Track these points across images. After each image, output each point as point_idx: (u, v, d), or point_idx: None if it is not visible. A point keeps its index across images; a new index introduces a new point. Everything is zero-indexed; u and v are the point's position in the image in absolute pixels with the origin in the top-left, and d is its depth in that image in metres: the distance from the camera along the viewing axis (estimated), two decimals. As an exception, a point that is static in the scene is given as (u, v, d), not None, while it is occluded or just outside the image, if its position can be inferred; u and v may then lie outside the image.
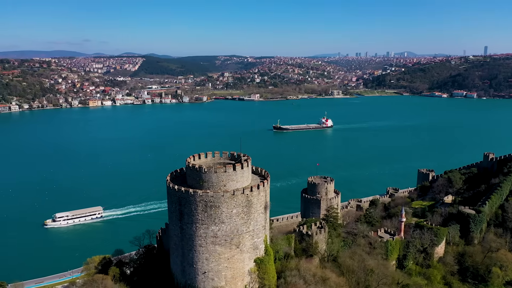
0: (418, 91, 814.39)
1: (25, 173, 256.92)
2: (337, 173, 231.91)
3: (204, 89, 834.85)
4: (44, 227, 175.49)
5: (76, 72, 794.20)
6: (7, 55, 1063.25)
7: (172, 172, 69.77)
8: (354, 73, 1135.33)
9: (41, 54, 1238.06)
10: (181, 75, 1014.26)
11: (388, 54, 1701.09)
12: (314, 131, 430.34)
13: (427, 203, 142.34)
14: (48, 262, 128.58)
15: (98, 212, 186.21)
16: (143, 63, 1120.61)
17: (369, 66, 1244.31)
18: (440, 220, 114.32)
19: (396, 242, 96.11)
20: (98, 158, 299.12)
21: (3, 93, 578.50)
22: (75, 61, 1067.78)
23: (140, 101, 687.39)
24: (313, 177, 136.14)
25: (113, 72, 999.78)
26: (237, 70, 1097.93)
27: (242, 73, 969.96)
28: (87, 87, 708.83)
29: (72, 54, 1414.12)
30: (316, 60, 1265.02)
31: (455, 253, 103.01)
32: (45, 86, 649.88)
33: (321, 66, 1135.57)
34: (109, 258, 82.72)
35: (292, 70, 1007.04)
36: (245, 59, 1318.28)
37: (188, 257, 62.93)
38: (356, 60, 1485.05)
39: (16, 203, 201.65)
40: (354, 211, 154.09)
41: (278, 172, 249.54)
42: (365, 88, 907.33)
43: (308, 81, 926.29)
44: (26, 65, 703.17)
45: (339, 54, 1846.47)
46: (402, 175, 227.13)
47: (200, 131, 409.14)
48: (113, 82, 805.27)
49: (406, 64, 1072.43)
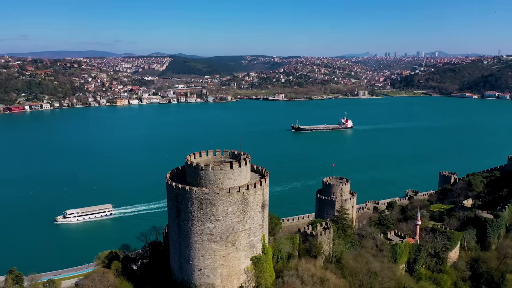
0: (447, 91, 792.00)
1: (42, 169, 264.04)
2: (355, 174, 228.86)
3: (229, 89, 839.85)
4: (55, 223, 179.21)
5: (105, 71, 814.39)
6: (42, 55, 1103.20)
7: (173, 169, 70.58)
8: (382, 73, 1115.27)
9: (74, 54, 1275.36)
10: (208, 74, 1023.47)
11: (418, 54, 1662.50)
12: (333, 131, 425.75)
13: (446, 206, 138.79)
14: (61, 256, 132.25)
15: (108, 209, 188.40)
16: (171, 62, 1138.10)
17: (398, 66, 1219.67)
18: (458, 224, 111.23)
19: (405, 245, 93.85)
20: (116, 156, 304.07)
21: (36, 91, 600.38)
22: (105, 61, 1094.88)
23: (166, 100, 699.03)
24: (329, 177, 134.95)
25: (142, 71, 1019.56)
26: (263, 70, 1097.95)
27: (267, 73, 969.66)
28: (115, 86, 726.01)
29: (103, 54, 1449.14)
30: (343, 60, 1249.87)
31: (469, 258, 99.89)
32: (75, 85, 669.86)
33: (348, 66, 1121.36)
34: (116, 252, 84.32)
35: (318, 70, 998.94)
36: (272, 59, 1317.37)
37: (185, 253, 63.57)
38: (384, 60, 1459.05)
39: (30, 198, 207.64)
40: (370, 213, 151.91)
41: (294, 172, 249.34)
42: (393, 88, 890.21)
43: (334, 81, 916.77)
44: (58, 65, 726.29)
45: (368, 54, 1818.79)
46: (423, 178, 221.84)
47: (219, 130, 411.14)
48: (141, 81, 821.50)
49: (436, 64, 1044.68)
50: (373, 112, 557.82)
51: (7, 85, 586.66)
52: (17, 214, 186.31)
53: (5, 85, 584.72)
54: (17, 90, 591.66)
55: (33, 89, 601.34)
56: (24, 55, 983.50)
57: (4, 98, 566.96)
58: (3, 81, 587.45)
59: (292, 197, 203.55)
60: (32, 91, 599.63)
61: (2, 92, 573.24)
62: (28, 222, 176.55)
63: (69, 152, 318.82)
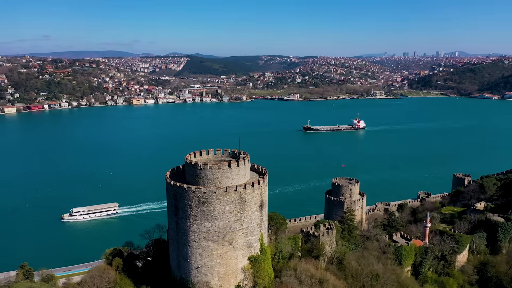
0: (466, 92, 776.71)
1: (53, 167, 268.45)
2: (367, 175, 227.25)
3: (244, 89, 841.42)
4: (61, 221, 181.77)
5: (123, 71, 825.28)
6: (63, 55, 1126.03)
7: (174, 168, 71.14)
8: (400, 74, 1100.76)
9: (94, 54, 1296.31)
10: (224, 74, 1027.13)
11: (438, 54, 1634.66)
12: (345, 132, 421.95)
13: (458, 209, 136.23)
14: (68, 253, 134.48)
15: (114, 208, 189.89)
16: (187, 62, 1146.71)
17: (416, 67, 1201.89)
18: (468, 227, 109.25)
19: (411, 248, 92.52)
20: (126, 155, 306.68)
21: (55, 91, 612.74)
22: (123, 60, 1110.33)
23: (181, 100, 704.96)
24: (338, 178, 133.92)
25: (159, 71, 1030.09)
26: (280, 70, 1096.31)
27: (283, 73, 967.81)
28: (132, 86, 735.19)
29: (121, 54, 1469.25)
30: (360, 60, 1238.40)
31: (477, 262, 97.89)
32: (93, 84, 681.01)
33: (365, 66, 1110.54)
34: (120, 249, 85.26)
35: (335, 70, 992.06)
36: (288, 59, 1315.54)
37: (182, 251, 64.00)
38: (402, 60, 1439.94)
39: (38, 195, 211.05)
40: (380, 214, 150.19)
41: (302, 173, 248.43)
42: (410, 89, 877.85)
43: (350, 82, 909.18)
44: (77, 65, 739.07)
45: (385, 54, 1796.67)
46: (437, 180, 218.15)
47: (230, 130, 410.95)
48: (157, 81, 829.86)
49: (455, 64, 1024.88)
50: (388, 113, 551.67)
51: (27, 84, 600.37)
52: (25, 211, 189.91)
53: (25, 84, 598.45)
54: (37, 90, 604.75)
55: (52, 89, 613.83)
56: (45, 55, 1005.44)
57: (24, 97, 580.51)
58: (24, 81, 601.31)
59: (300, 197, 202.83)
60: (51, 90, 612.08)
61: (23, 92, 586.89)
62: (35, 219, 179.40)
63: (80, 150, 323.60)
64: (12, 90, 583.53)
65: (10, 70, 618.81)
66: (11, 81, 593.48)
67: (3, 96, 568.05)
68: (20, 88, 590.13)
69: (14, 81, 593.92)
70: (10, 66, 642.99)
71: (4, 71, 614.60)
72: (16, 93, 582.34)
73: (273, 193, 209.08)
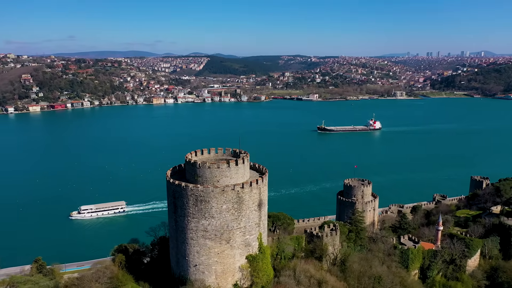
0: (491, 93, 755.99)
1: (65, 165, 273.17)
2: (381, 177, 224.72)
3: (263, 89, 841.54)
4: (70, 218, 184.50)
5: (144, 71, 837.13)
6: (87, 55, 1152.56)
7: (175, 166, 71.82)
8: (423, 74, 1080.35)
9: (117, 54, 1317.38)
10: (244, 74, 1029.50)
11: (463, 53, 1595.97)
12: (360, 133, 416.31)
13: (474, 212, 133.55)
14: (78, 250, 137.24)
15: (121, 206, 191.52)
16: (208, 62, 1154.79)
17: (440, 67, 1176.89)
18: (482, 231, 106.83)
19: (418, 251, 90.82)
20: (138, 153, 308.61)
21: (77, 90, 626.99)
22: (145, 60, 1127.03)
23: (200, 100, 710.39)
24: (350, 179, 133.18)
25: (179, 71, 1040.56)
26: (300, 70, 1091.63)
27: (303, 73, 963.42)
28: (152, 86, 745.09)
29: (144, 54, 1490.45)
30: (382, 60, 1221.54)
31: (488, 267, 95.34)
32: (114, 84, 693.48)
33: (386, 66, 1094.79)
34: (125, 246, 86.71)
35: (355, 70, 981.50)
36: (309, 59, 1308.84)
37: (181, 249, 64.60)
38: (426, 60, 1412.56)
39: (48, 193, 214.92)
40: (393, 216, 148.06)
41: (314, 174, 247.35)
42: (432, 89, 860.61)
43: (371, 82, 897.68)
44: (100, 65, 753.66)
45: (408, 54, 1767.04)
46: (454, 182, 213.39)
47: (245, 129, 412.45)
48: (178, 81, 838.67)
49: (480, 64, 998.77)
50: (407, 114, 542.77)
51: (51, 83, 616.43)
52: (35, 207, 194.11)
53: (50, 83, 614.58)
54: (60, 89, 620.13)
55: (75, 88, 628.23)
56: (70, 55, 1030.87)
57: (48, 96, 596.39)
58: (48, 80, 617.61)
59: (312, 198, 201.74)
60: (74, 89, 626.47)
61: (47, 91, 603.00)
62: (45, 215, 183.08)
63: (96, 149, 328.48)
64: (37, 89, 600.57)
65: (35, 69, 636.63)
66: (36, 81, 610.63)
67: (28, 95, 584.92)
68: (44, 87, 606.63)
69: (39, 81, 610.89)
70: (36, 66, 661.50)
71: (30, 70, 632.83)
72: (41, 92, 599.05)
73: (283, 194, 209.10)
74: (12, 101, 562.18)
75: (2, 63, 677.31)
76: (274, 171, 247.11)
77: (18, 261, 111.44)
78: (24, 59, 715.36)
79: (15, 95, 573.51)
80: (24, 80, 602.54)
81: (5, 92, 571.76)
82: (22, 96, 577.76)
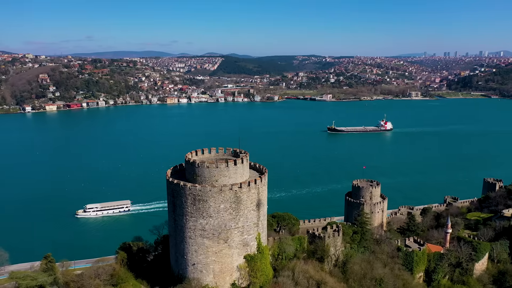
0: (509, 93, 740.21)
1: (75, 163, 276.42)
2: (391, 178, 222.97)
3: (277, 89, 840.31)
4: (75, 217, 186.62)
5: (158, 71, 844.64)
6: (103, 55, 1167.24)
7: (176, 165, 72.38)
8: (439, 74, 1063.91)
9: (133, 54, 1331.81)
10: (258, 74, 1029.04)
11: (481, 53, 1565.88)
12: (371, 134, 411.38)
13: (485, 215, 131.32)
14: (84, 247, 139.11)
15: (126, 205, 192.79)
16: (222, 62, 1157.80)
17: (457, 67, 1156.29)
18: (492, 234, 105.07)
19: (423, 253, 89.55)
20: (147, 153, 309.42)
21: (93, 89, 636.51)
22: (160, 60, 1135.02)
23: (214, 100, 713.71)
24: (359, 180, 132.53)
25: (194, 71, 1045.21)
26: (314, 70, 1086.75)
27: (317, 73, 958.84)
28: (166, 85, 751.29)
29: (159, 54, 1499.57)
30: (398, 60, 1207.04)
31: (496, 271, 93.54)
32: (129, 83, 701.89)
33: (402, 66, 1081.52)
34: (129, 244, 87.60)
35: (370, 70, 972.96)
36: (324, 59, 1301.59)
37: (180, 248, 65.06)
38: (443, 60, 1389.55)
39: (55, 191, 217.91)
40: (402, 218, 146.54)
41: (322, 175, 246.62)
42: (448, 89, 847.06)
43: (386, 82, 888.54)
44: (115, 65, 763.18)
45: (425, 53, 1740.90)
46: (467, 184, 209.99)
47: (256, 129, 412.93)
48: (192, 80, 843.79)
49: (499, 64, 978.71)
50: (421, 114, 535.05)
51: (67, 83, 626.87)
52: (42, 205, 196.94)
53: (66, 83, 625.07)
54: (76, 88, 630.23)
55: (90, 87, 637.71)
56: (87, 55, 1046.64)
57: (64, 96, 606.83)
58: (64, 80, 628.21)
59: (320, 199, 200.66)
60: (90, 89, 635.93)
61: (63, 90, 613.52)
62: (51, 213, 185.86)
63: (106, 148, 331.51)
64: (54, 89, 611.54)
65: (52, 69, 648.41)
66: (53, 80, 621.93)
67: (45, 94, 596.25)
68: (61, 86, 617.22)
69: (56, 80, 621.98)
70: (53, 66, 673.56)
71: (47, 70, 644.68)
72: (57, 91, 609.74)
73: (289, 194, 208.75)
74: (29, 100, 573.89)
75: (21, 63, 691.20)
76: (281, 171, 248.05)
77: (27, 258, 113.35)
78: (42, 59, 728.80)
79: (33, 95, 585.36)
80: (42, 80, 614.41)
81: (23, 92, 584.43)
82: (39, 96, 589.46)
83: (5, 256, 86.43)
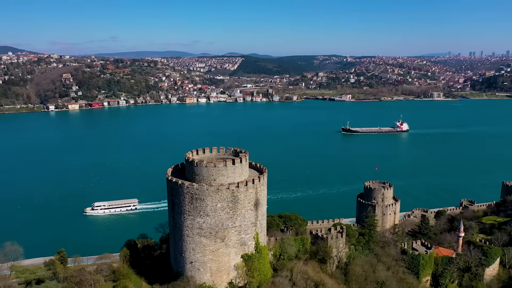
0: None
1: (88, 161, 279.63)
2: (406, 180, 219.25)
3: (296, 89, 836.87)
4: (84, 214, 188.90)
5: (179, 71, 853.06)
6: (126, 55, 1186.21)
7: (178, 164, 73.09)
8: (464, 74, 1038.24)
9: (155, 54, 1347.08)
10: (278, 74, 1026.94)
11: (508, 53, 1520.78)
12: (387, 135, 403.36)
13: (501, 219, 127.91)
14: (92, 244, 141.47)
15: (133, 204, 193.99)
16: (242, 62, 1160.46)
17: (483, 67, 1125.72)
18: (507, 238, 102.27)
19: (430, 257, 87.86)
20: (160, 151, 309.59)
21: (114, 89, 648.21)
22: (181, 60, 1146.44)
23: (232, 99, 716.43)
24: (371, 181, 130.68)
25: (214, 71, 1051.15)
26: (335, 70, 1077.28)
27: (337, 73, 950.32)
28: (186, 85, 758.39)
29: (181, 54, 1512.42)
30: (421, 60, 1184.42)
31: (507, 277, 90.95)
32: (150, 83, 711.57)
33: (425, 66, 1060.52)
34: (134, 241, 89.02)
35: (392, 70, 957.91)
36: (344, 59, 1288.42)
37: (178, 246, 65.71)
38: (468, 60, 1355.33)
39: (64, 188, 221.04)
40: (415, 220, 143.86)
41: (335, 175, 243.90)
42: (472, 90, 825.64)
43: (407, 82, 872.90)
44: (136, 65, 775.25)
45: (449, 53, 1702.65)
46: (486, 187, 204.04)
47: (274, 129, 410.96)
48: (212, 80, 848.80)
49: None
50: (441, 115, 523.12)
51: (89, 82, 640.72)
52: (51, 202, 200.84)
53: (88, 83, 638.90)
54: (98, 88, 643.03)
55: (112, 87, 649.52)
56: (110, 55, 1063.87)
57: (86, 95, 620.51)
58: (87, 79, 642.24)
59: (331, 200, 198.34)
60: (111, 88, 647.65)
61: (85, 89, 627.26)
62: (60, 211, 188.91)
63: (121, 146, 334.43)
64: (76, 88, 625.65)
65: (75, 69, 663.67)
66: (76, 80, 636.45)
67: (68, 93, 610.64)
68: (83, 86, 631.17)
69: (78, 80, 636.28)
70: (76, 66, 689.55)
71: (70, 70, 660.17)
72: (80, 90, 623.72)
73: (300, 195, 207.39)
74: (53, 99, 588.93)
75: (46, 63, 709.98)
76: (292, 171, 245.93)
77: (39, 253, 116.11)
78: (66, 59, 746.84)
79: (56, 94, 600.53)
80: (65, 79, 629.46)
81: (47, 91, 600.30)
82: (62, 95, 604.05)
83: (20, 251, 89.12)
